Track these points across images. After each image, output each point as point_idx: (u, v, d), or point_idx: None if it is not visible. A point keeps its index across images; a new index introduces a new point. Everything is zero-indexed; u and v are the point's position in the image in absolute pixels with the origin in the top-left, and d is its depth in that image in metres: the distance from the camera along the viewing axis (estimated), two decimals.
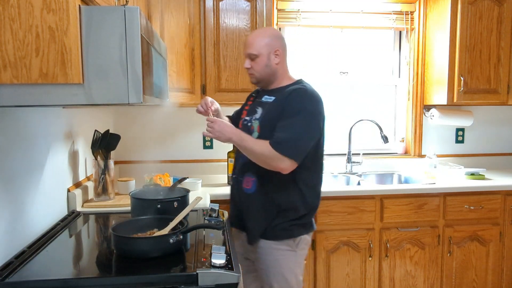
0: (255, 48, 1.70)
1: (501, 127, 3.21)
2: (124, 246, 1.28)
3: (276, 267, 1.70)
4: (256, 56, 1.70)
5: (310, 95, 1.67)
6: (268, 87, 1.78)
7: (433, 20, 2.88)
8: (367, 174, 2.94)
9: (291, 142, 1.58)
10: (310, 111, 1.63)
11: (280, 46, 1.73)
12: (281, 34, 1.78)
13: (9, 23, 1.03)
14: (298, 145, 1.60)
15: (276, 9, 2.85)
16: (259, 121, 1.72)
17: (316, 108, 1.66)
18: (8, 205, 1.33)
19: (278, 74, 1.75)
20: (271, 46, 1.70)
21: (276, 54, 1.71)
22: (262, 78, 1.75)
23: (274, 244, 1.70)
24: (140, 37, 1.13)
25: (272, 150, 1.57)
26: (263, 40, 1.70)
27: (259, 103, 1.78)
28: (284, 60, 1.77)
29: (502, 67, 2.75)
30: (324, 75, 3.05)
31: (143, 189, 1.86)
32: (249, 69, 1.75)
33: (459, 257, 2.56)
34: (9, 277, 1.15)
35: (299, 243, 1.73)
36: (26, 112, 1.48)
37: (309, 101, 1.65)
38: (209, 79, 2.52)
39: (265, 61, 1.71)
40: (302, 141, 1.61)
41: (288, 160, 1.58)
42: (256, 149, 1.61)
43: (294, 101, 1.63)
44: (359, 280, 2.48)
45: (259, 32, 1.75)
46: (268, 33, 1.74)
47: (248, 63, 1.74)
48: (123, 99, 1.13)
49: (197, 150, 2.89)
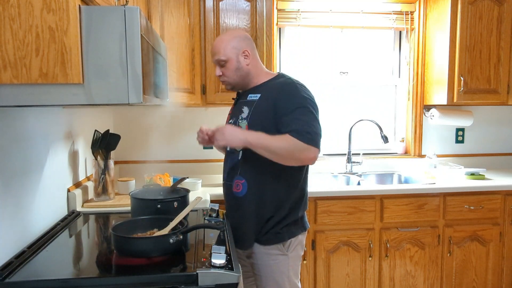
0: (222, 53, 1.66)
1: (501, 127, 3.21)
2: (124, 246, 1.28)
3: (267, 272, 1.67)
4: (225, 61, 1.66)
5: (300, 85, 1.64)
6: (247, 87, 1.74)
7: (433, 20, 2.88)
8: (367, 174, 2.94)
9: (310, 130, 1.53)
10: (309, 99, 1.60)
11: (247, 46, 1.69)
12: (245, 34, 1.74)
13: (9, 23, 1.03)
14: (316, 133, 1.55)
15: (276, 9, 2.85)
16: (246, 120, 1.66)
17: (311, 96, 1.63)
18: (8, 205, 1.33)
19: (252, 74, 1.71)
20: (238, 48, 1.66)
21: (245, 55, 1.68)
22: (236, 82, 1.71)
23: (264, 248, 1.67)
24: (140, 37, 1.13)
25: (297, 142, 1.51)
26: (229, 43, 1.66)
27: (244, 103, 1.72)
28: (255, 58, 1.72)
29: (502, 67, 2.75)
30: (324, 75, 3.05)
31: (143, 189, 1.86)
32: (221, 77, 1.72)
33: (459, 257, 2.56)
34: (9, 277, 1.15)
35: (290, 246, 1.68)
36: (26, 112, 1.48)
37: (303, 91, 1.62)
38: (209, 79, 2.52)
39: (235, 64, 1.67)
40: (317, 129, 1.57)
41: (314, 148, 1.53)
42: (279, 145, 1.52)
43: (289, 94, 1.60)
44: (359, 280, 2.48)
45: (222, 37, 1.70)
46: (232, 35, 1.70)
47: (219, 70, 1.70)
48: (123, 99, 1.13)
49: (197, 150, 2.89)
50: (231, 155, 1.72)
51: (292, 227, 1.68)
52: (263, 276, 1.68)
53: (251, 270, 1.76)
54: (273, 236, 1.66)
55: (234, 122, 1.72)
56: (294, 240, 1.69)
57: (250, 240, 1.68)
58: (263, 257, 1.67)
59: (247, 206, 1.67)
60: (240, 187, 1.68)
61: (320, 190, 2.38)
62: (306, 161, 1.58)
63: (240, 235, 1.68)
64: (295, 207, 1.70)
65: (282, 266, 1.67)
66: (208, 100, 2.53)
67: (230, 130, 1.56)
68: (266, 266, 1.67)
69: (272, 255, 1.66)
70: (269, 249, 1.66)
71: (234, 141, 1.55)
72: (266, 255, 1.67)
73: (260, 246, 1.67)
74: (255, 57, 1.73)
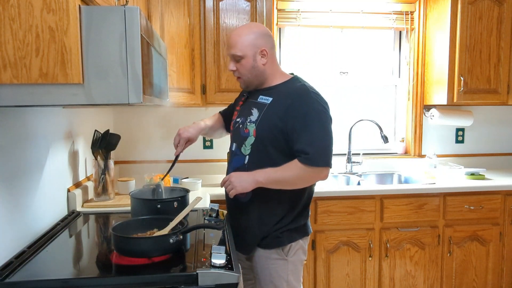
0: (238, 48, 1.57)
1: (501, 127, 3.21)
2: (124, 246, 1.28)
3: (266, 275, 1.64)
4: (240, 57, 1.58)
5: (314, 93, 1.58)
6: (259, 87, 1.67)
7: (433, 20, 2.88)
8: (367, 174, 2.94)
9: (322, 151, 1.51)
10: (321, 111, 1.55)
11: (266, 44, 1.60)
12: (267, 30, 1.64)
13: (9, 23, 1.03)
14: (326, 152, 1.53)
15: (276, 9, 2.85)
16: (255, 124, 1.60)
17: (324, 106, 1.57)
18: (8, 205, 1.33)
19: (267, 74, 1.63)
20: (257, 46, 1.57)
21: (262, 54, 1.59)
22: (250, 81, 1.64)
23: (263, 252, 1.64)
24: (140, 37, 1.13)
25: (307, 168, 1.51)
26: (247, 39, 1.57)
27: (254, 104, 1.65)
28: (272, 57, 1.64)
29: (502, 67, 2.75)
30: (324, 75, 3.05)
31: (143, 189, 1.86)
32: (234, 72, 1.64)
33: (459, 257, 2.56)
34: (9, 277, 1.14)
35: (289, 250, 1.64)
36: (26, 112, 1.48)
37: (316, 101, 1.55)
38: (209, 79, 2.52)
39: (251, 62, 1.59)
40: (329, 146, 1.55)
41: (325, 168, 1.54)
42: (290, 176, 1.53)
43: (302, 103, 1.53)
44: (359, 280, 2.48)
45: (242, 30, 1.60)
46: (251, 30, 1.59)
47: (233, 65, 1.62)
48: (123, 99, 1.13)
49: (197, 150, 2.89)
50: (236, 157, 1.67)
51: (293, 233, 1.65)
52: (262, 279, 1.66)
53: (251, 273, 1.74)
54: (273, 240, 1.63)
55: (242, 122, 1.66)
56: (294, 245, 1.65)
57: (253, 245, 1.66)
58: (262, 260, 1.65)
59: (251, 213, 1.64)
60: (246, 194, 1.61)
61: (320, 190, 2.38)
62: (319, 180, 1.59)
63: (242, 240, 1.65)
64: (300, 214, 1.67)
65: (281, 271, 1.64)
66: (208, 100, 2.53)
67: (236, 178, 1.54)
68: (265, 269, 1.65)
69: (271, 259, 1.63)
70: (269, 253, 1.63)
71: (244, 187, 1.54)
72: (266, 258, 1.64)
73: (259, 250, 1.65)
74: (273, 56, 1.64)
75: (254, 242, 1.65)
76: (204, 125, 1.82)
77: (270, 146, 1.58)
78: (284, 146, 1.57)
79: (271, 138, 1.56)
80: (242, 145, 1.64)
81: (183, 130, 1.75)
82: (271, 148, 1.58)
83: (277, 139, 1.56)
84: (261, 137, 1.58)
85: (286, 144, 1.56)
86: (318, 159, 1.51)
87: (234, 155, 1.69)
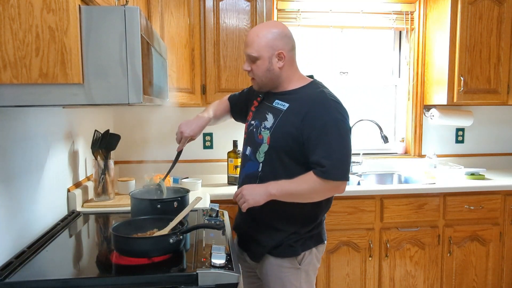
0: (255, 48, 1.49)
1: (501, 127, 3.21)
2: (124, 246, 1.28)
3: (277, 284, 1.56)
4: (256, 58, 1.50)
5: (334, 102, 1.49)
6: (275, 90, 1.58)
7: (433, 20, 2.88)
8: (367, 174, 2.94)
9: (338, 164, 1.43)
10: (340, 120, 1.46)
11: (284, 47, 1.50)
12: (287, 31, 1.54)
13: (9, 23, 1.03)
14: (343, 166, 1.45)
15: (276, 9, 2.85)
16: (269, 131, 1.52)
17: (343, 116, 1.48)
18: (8, 205, 1.33)
19: (283, 78, 1.54)
20: (273, 48, 1.48)
21: (279, 57, 1.50)
22: (265, 84, 1.56)
23: (275, 260, 1.55)
24: (140, 37, 1.13)
25: (322, 182, 1.43)
26: (264, 39, 1.48)
27: (269, 108, 1.57)
28: (291, 61, 1.55)
29: (502, 67, 2.75)
30: (324, 75, 3.05)
31: (143, 189, 1.86)
32: (249, 72, 1.56)
33: (459, 257, 2.56)
34: (9, 277, 1.15)
35: (303, 259, 1.56)
36: (26, 112, 1.48)
37: (336, 110, 1.47)
38: (209, 79, 2.52)
39: (266, 65, 1.50)
40: (346, 159, 1.46)
41: (342, 182, 1.46)
42: (305, 189, 1.46)
43: (321, 111, 1.45)
44: (359, 280, 2.48)
45: (260, 29, 1.51)
46: (270, 30, 1.50)
47: (248, 65, 1.54)
48: (123, 99, 1.13)
49: (197, 150, 2.89)
50: (249, 162, 1.60)
51: (307, 241, 1.56)
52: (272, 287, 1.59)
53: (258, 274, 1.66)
54: (286, 249, 1.54)
55: (256, 126, 1.58)
56: (308, 253, 1.57)
57: (263, 253, 1.57)
58: (274, 268, 1.56)
59: (264, 220, 1.56)
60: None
61: None
62: (336, 194, 1.53)
63: (252, 247, 1.61)
64: (318, 223, 1.59)
65: (294, 280, 1.55)
66: (208, 100, 2.53)
67: (248, 191, 1.48)
68: (277, 278, 1.56)
69: (284, 267, 1.55)
70: (281, 262, 1.55)
71: (257, 200, 1.46)
72: (278, 267, 1.55)
73: (271, 258, 1.56)
74: (291, 59, 1.55)
75: (264, 250, 1.57)
76: (207, 119, 1.74)
77: (284, 155, 1.50)
78: (299, 156, 1.49)
79: (286, 147, 1.49)
80: (256, 151, 1.56)
81: (185, 128, 1.69)
82: (285, 157, 1.50)
83: (291, 148, 1.49)
84: (275, 146, 1.51)
85: (301, 154, 1.48)
86: (334, 172, 1.43)
87: (248, 160, 1.61)
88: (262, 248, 1.57)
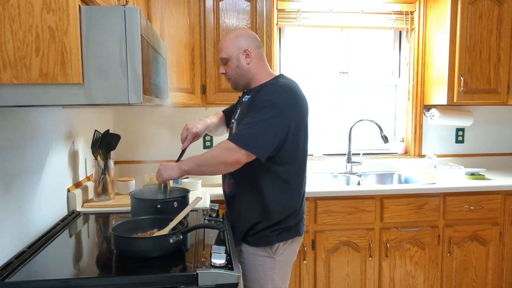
0: (224, 51, 1.67)
1: (501, 127, 3.21)
2: (124, 246, 1.28)
3: (252, 272, 1.66)
4: (226, 59, 1.68)
5: (281, 88, 1.59)
6: (249, 87, 1.72)
7: (433, 20, 2.88)
8: (367, 174, 2.94)
9: (248, 134, 1.50)
10: (276, 103, 1.53)
11: (249, 45, 1.67)
12: (251, 33, 1.72)
13: (9, 23, 1.03)
14: (252, 136, 1.49)
15: (276, 9, 2.85)
16: (236, 121, 1.68)
17: (284, 100, 1.55)
18: (8, 205, 1.33)
19: (253, 74, 1.68)
20: (239, 47, 1.66)
21: (246, 54, 1.66)
22: (237, 81, 1.71)
23: (251, 249, 1.65)
24: (140, 37, 1.13)
25: (222, 144, 1.52)
26: (232, 42, 1.67)
27: (241, 104, 1.75)
28: (259, 58, 1.69)
29: (502, 67, 2.75)
30: (324, 75, 3.05)
31: (143, 189, 1.86)
32: (224, 75, 1.73)
33: (459, 257, 2.56)
34: (9, 277, 1.15)
35: (277, 250, 1.65)
36: (26, 112, 1.48)
37: (277, 94, 1.56)
38: (209, 79, 2.52)
39: (235, 62, 1.67)
40: (260, 133, 1.50)
41: (238, 149, 1.48)
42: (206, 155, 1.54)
43: (261, 96, 1.57)
44: (359, 280, 2.48)
45: (227, 36, 1.71)
46: (235, 34, 1.69)
47: (222, 68, 1.72)
48: (123, 99, 1.13)
49: (197, 150, 2.88)
50: None
51: (284, 232, 1.65)
52: (248, 275, 1.68)
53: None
54: (261, 238, 1.64)
55: (232, 122, 1.75)
56: (283, 244, 1.66)
57: (238, 239, 1.66)
58: (250, 257, 1.66)
59: (236, 206, 1.70)
60: (230, 187, 1.71)
61: (320, 190, 2.38)
62: (236, 162, 1.50)
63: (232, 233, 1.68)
64: (289, 214, 1.65)
65: (267, 269, 1.65)
66: (208, 100, 2.53)
67: (164, 166, 1.61)
68: (251, 266, 1.66)
69: (258, 256, 1.65)
70: (257, 250, 1.65)
71: (169, 174, 1.59)
72: (253, 255, 1.66)
73: (248, 246, 1.67)
74: (258, 57, 1.70)
75: (239, 236, 1.67)
76: (210, 122, 1.90)
77: None
78: None
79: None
80: None
81: (192, 126, 1.82)
82: None
83: None
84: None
85: None
86: (236, 138, 1.51)
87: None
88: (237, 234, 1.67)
